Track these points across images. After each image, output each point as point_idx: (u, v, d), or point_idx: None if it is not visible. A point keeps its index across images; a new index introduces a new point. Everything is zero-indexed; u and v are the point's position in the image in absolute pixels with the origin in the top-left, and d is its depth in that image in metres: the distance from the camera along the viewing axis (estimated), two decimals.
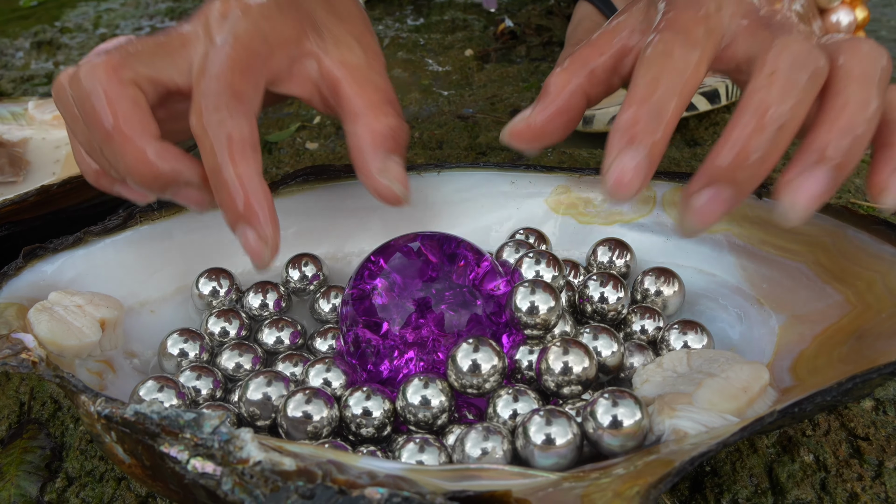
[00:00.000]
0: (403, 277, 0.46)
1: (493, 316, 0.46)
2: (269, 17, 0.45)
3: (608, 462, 0.37)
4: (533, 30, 1.02)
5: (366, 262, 0.47)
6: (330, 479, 0.32)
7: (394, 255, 0.47)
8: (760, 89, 0.38)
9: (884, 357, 0.40)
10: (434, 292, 0.45)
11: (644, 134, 0.39)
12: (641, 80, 0.40)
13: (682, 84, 0.40)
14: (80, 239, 0.51)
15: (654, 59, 0.40)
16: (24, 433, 0.51)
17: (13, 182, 0.68)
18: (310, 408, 0.42)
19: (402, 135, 0.47)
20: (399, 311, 0.45)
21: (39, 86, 0.98)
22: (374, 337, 0.46)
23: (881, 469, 0.46)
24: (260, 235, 0.42)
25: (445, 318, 0.45)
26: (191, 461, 0.34)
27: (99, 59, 0.42)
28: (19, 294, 0.47)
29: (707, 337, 0.47)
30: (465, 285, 0.46)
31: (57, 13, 1.22)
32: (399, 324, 0.45)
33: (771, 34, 0.42)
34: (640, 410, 0.39)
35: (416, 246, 0.47)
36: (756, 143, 0.37)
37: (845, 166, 0.38)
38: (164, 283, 0.52)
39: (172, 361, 0.48)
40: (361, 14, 0.51)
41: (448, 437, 0.43)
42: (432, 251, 0.47)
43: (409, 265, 0.46)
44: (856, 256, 0.47)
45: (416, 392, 0.43)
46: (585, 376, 0.43)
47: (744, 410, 0.40)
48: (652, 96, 0.39)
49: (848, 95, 0.38)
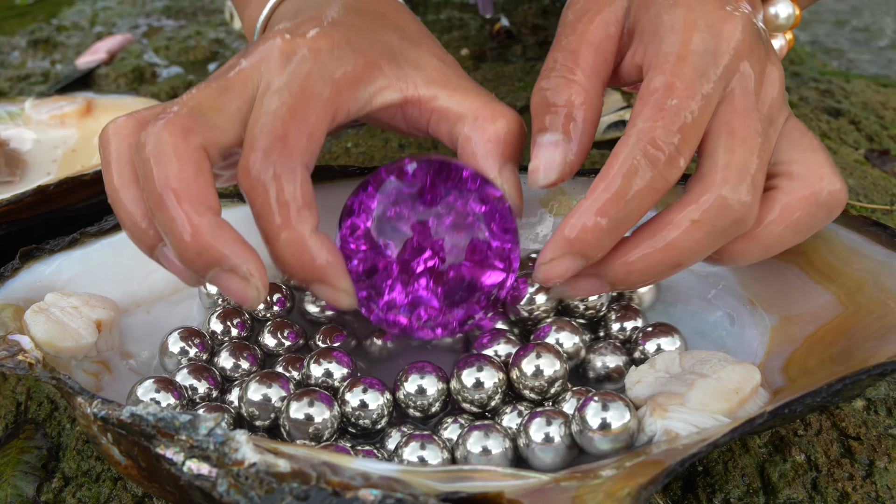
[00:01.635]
0: (397, 203, 0.44)
1: (497, 232, 0.44)
2: (340, 57, 0.42)
3: (599, 463, 0.38)
4: (529, 29, 1.02)
5: (357, 189, 0.45)
6: (324, 481, 0.32)
7: (385, 180, 0.44)
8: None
9: (874, 358, 0.40)
10: (431, 216, 0.43)
11: (593, 250, 0.39)
12: (617, 183, 0.38)
13: (651, 204, 0.39)
14: (77, 240, 0.51)
15: (640, 166, 0.38)
16: (21, 433, 0.51)
17: (9, 182, 0.68)
18: (312, 410, 0.43)
19: (517, 136, 0.45)
20: (395, 237, 0.43)
21: (36, 84, 0.98)
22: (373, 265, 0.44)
23: (872, 468, 0.46)
24: (337, 289, 0.41)
25: (446, 242, 0.44)
26: (186, 463, 0.34)
27: (167, 120, 0.39)
28: (16, 295, 0.47)
29: (680, 339, 0.47)
30: (464, 205, 0.44)
31: (53, 11, 1.22)
32: (396, 250, 0.43)
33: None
34: (628, 412, 0.40)
35: (411, 168, 0.44)
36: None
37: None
38: (160, 284, 0.53)
39: (173, 359, 0.48)
40: (430, 36, 0.50)
41: (443, 431, 0.44)
42: (427, 173, 0.44)
43: (403, 189, 0.44)
44: (847, 257, 0.48)
45: (413, 382, 0.44)
46: (556, 377, 0.45)
47: (735, 411, 0.40)
48: (620, 211, 0.38)
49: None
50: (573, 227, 0.39)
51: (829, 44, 1.07)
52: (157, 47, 1.06)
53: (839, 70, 0.96)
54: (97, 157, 0.71)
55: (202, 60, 1.03)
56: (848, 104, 0.84)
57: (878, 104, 0.85)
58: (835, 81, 0.89)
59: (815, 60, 1.00)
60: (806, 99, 0.85)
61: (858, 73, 0.97)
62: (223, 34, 1.09)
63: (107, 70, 0.99)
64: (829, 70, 0.96)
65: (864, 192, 0.68)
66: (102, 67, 1.00)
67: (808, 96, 0.86)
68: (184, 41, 1.07)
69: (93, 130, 0.74)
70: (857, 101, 0.85)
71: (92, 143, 0.73)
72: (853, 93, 0.87)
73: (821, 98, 0.85)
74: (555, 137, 0.42)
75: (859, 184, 0.70)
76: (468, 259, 0.44)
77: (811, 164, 0.42)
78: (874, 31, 1.07)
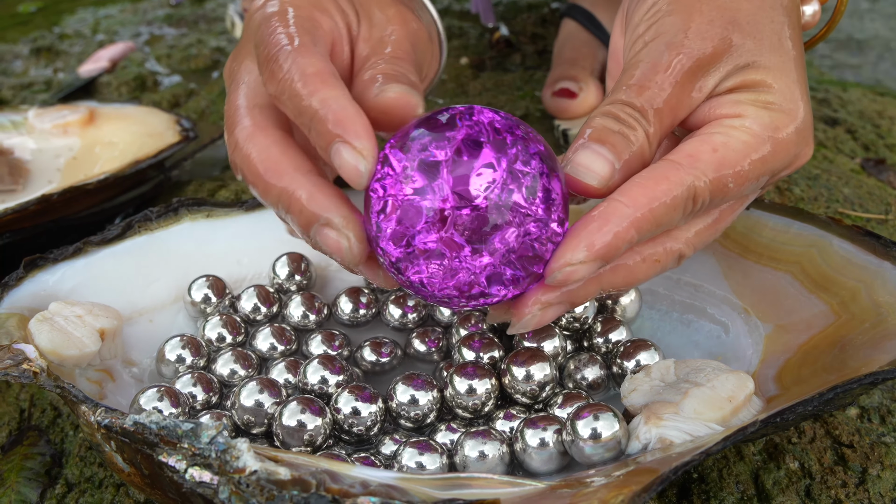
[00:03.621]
0: (427, 164, 0.38)
1: (542, 208, 0.38)
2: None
3: (594, 471, 0.38)
4: (528, 38, 1.02)
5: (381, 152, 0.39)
6: (324, 489, 0.33)
7: (414, 136, 0.39)
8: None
9: (866, 366, 0.41)
10: (467, 181, 0.37)
11: (613, 259, 0.39)
12: (663, 204, 0.38)
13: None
14: (80, 249, 0.52)
15: (685, 203, 0.39)
16: (25, 440, 0.52)
17: (12, 190, 0.69)
18: (304, 416, 0.43)
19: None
20: (423, 206, 0.38)
21: (38, 93, 0.99)
22: (400, 250, 0.39)
23: (865, 476, 0.47)
24: (354, 148, 0.38)
25: (486, 216, 0.38)
26: (189, 470, 0.35)
27: (248, 122, 0.42)
28: (20, 304, 0.48)
29: (659, 355, 0.47)
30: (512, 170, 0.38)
31: (56, 19, 1.23)
32: (426, 224, 0.38)
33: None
34: (617, 423, 0.41)
35: (444, 118, 0.39)
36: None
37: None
38: (162, 293, 0.53)
39: (170, 367, 0.49)
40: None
41: (437, 436, 0.45)
42: (466, 127, 0.38)
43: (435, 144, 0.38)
44: (841, 267, 0.48)
45: (406, 392, 0.45)
46: (546, 381, 0.46)
47: (729, 419, 0.41)
48: (651, 230, 0.38)
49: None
50: (608, 232, 0.37)
51: (825, 52, 1.08)
52: (158, 55, 1.07)
53: (836, 79, 0.96)
54: (99, 165, 0.72)
55: (203, 69, 1.04)
56: (844, 113, 0.85)
57: (874, 113, 0.85)
58: (831, 90, 0.90)
59: (812, 69, 1.01)
60: None
61: (855, 82, 0.97)
62: (224, 42, 1.10)
63: (109, 78, 1.00)
64: (826, 79, 0.96)
65: (859, 202, 0.69)
66: (105, 76, 1.01)
67: None
68: (185, 49, 1.08)
69: (95, 139, 0.75)
70: (853, 109, 0.86)
71: (94, 152, 0.74)
72: (850, 102, 0.87)
73: (817, 107, 0.86)
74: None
75: (854, 193, 0.70)
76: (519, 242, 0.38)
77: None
78: (871, 40, 1.07)
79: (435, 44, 0.52)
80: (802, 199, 0.69)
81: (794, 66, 0.42)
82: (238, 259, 0.56)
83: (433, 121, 0.39)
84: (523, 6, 1.09)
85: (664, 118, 0.40)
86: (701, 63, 0.41)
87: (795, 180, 0.71)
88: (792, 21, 0.44)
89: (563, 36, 0.85)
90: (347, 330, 0.53)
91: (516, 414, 0.45)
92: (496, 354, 0.48)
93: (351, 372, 0.48)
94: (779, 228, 0.51)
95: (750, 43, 0.42)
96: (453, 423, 0.45)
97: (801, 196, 0.69)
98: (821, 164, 0.75)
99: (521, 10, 1.09)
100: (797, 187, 0.70)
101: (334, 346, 0.50)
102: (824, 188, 0.70)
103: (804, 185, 0.70)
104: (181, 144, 0.70)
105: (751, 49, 0.41)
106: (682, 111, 0.41)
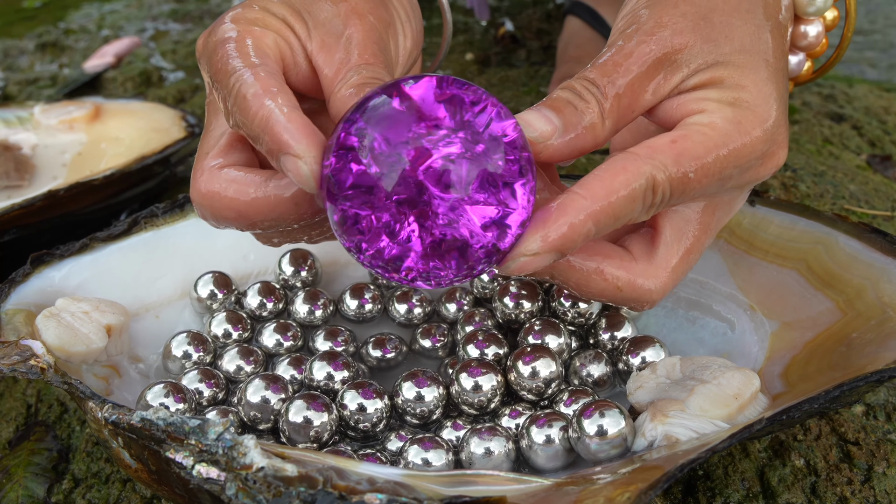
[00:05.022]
0: (389, 128, 0.37)
1: (508, 163, 0.38)
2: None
3: (600, 468, 0.38)
4: (533, 34, 1.02)
5: (342, 120, 0.38)
6: (330, 485, 0.33)
7: (374, 104, 0.38)
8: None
9: (872, 364, 0.41)
10: (430, 142, 0.37)
11: (572, 250, 0.38)
12: (621, 197, 0.38)
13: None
14: (87, 245, 0.52)
15: (643, 195, 0.39)
16: (32, 435, 0.52)
17: (19, 186, 0.69)
18: (310, 413, 0.43)
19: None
20: (388, 167, 0.37)
21: (44, 88, 0.99)
22: (363, 211, 0.37)
23: (871, 473, 0.47)
24: (295, 156, 0.38)
25: (450, 173, 0.37)
26: (196, 467, 0.35)
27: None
28: (27, 300, 0.48)
29: (665, 351, 0.47)
30: (470, 131, 0.38)
31: (61, 14, 1.23)
32: (390, 185, 0.37)
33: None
34: (623, 420, 0.41)
35: (408, 85, 0.38)
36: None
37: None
38: (168, 289, 0.53)
39: (177, 363, 0.49)
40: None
41: (443, 432, 0.45)
42: (424, 94, 0.38)
43: (396, 113, 0.38)
44: (847, 264, 0.48)
45: (411, 389, 0.45)
46: (552, 378, 0.46)
47: (735, 416, 0.41)
48: (609, 224, 0.38)
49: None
50: (564, 224, 0.38)
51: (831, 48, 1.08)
52: (163, 51, 1.07)
53: (842, 75, 0.96)
54: (105, 161, 0.72)
55: None
56: (850, 109, 0.85)
57: (880, 109, 0.85)
58: (837, 86, 0.89)
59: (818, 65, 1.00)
60: (808, 104, 0.85)
61: (861, 78, 0.97)
62: None
63: (114, 73, 1.00)
64: (832, 75, 0.96)
65: (865, 199, 0.69)
66: (110, 71, 1.01)
67: (811, 101, 0.86)
68: (190, 45, 1.08)
69: (101, 135, 0.75)
70: (859, 106, 0.86)
71: (100, 148, 0.74)
72: (856, 98, 0.87)
73: (823, 103, 0.86)
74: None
75: (860, 189, 0.70)
76: (473, 195, 0.38)
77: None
78: (877, 36, 1.07)
79: (411, 17, 0.50)
80: (808, 195, 0.69)
81: (765, 65, 0.42)
82: (244, 255, 0.56)
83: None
84: (528, 2, 1.09)
85: (622, 99, 0.41)
86: (668, 54, 0.41)
87: (801, 177, 0.71)
88: (774, 25, 0.44)
89: (567, 33, 0.85)
90: (353, 326, 0.53)
91: (522, 411, 0.45)
92: (501, 351, 0.48)
93: (357, 368, 0.48)
94: (785, 225, 0.51)
95: (721, 40, 0.42)
96: (459, 419, 0.45)
97: (806, 193, 0.69)
98: (826, 161, 0.75)
99: (526, 5, 1.09)
100: (803, 184, 0.70)
101: (340, 342, 0.50)
102: (830, 185, 0.70)
103: (810, 181, 0.70)
104: (187, 140, 0.70)
105: (721, 46, 0.42)
106: (643, 98, 0.41)
